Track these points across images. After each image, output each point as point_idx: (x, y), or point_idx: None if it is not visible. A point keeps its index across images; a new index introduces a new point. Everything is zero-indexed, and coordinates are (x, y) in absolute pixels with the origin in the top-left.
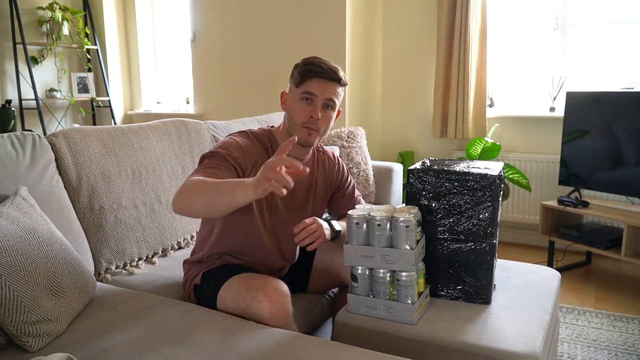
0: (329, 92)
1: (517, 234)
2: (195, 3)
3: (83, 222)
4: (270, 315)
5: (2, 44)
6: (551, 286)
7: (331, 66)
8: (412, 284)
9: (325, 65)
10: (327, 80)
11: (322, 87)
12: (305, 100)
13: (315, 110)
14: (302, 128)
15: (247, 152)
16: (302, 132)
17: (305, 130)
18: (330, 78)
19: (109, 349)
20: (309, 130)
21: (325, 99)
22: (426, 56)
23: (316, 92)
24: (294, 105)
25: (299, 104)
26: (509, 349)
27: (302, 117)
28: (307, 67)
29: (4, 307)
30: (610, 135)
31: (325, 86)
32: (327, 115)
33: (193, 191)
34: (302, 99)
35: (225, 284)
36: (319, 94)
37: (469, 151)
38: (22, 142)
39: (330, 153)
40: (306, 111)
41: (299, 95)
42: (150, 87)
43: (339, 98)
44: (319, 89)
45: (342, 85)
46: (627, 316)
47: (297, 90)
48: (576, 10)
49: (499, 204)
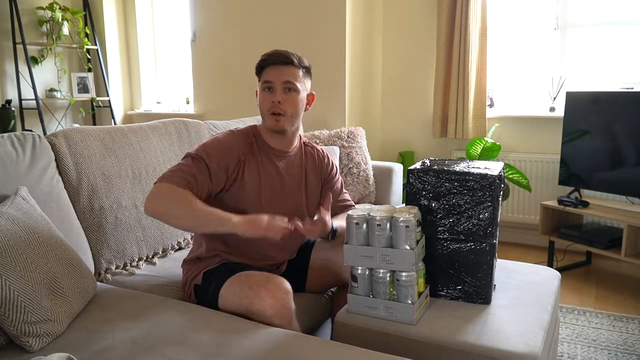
0: (285, 75)
1: (517, 234)
2: (195, 3)
3: (83, 222)
4: (273, 311)
5: (2, 44)
6: (551, 286)
7: (282, 52)
8: (412, 284)
9: (277, 52)
10: (280, 65)
11: (277, 73)
12: (267, 90)
13: (275, 96)
14: (269, 115)
15: (230, 150)
16: (270, 120)
17: (272, 117)
18: (283, 62)
19: (109, 349)
20: (275, 117)
21: (283, 83)
22: (426, 56)
23: (272, 78)
24: (260, 97)
25: (262, 95)
26: (509, 349)
27: (267, 105)
28: (262, 59)
29: (4, 307)
30: (610, 135)
31: (280, 71)
32: (292, 99)
33: (175, 206)
34: (263, 89)
35: (227, 282)
36: (275, 79)
37: (469, 151)
38: (22, 142)
39: (319, 148)
40: (269, 99)
41: (261, 87)
42: (150, 87)
43: (300, 81)
44: (274, 74)
45: (299, 67)
46: (627, 316)
47: (259, 84)
48: (576, 10)
49: (499, 204)
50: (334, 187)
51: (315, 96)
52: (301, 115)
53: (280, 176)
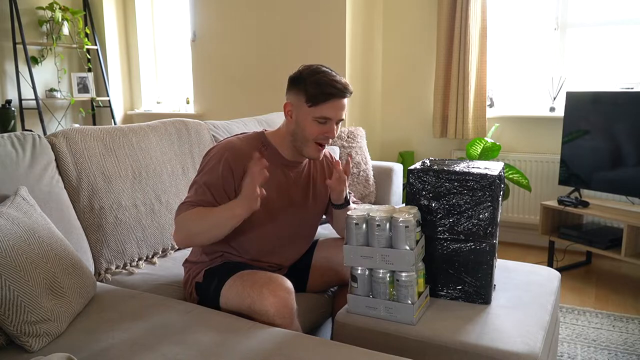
0: (342, 111)
1: (517, 234)
2: (195, 3)
3: (83, 222)
4: (275, 310)
5: (2, 44)
6: (551, 286)
7: (344, 82)
8: (412, 284)
9: (340, 84)
10: (341, 99)
11: (337, 109)
12: (321, 122)
13: (331, 131)
14: (314, 144)
15: (235, 170)
16: (313, 148)
17: (316, 147)
18: (344, 96)
19: (109, 349)
20: (320, 147)
21: (338, 120)
22: (426, 56)
23: (333, 115)
24: (306, 123)
25: (312, 123)
26: (509, 349)
27: (316, 133)
28: (322, 90)
29: (4, 307)
30: (610, 135)
31: (340, 106)
32: (337, 129)
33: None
34: (316, 121)
35: (229, 280)
36: (334, 117)
37: (469, 151)
38: (22, 142)
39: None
40: (321, 130)
41: (314, 117)
42: (150, 87)
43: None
44: (334, 112)
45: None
46: (627, 316)
47: (311, 110)
48: (576, 10)
49: (499, 204)
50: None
51: None
52: None
53: (289, 186)
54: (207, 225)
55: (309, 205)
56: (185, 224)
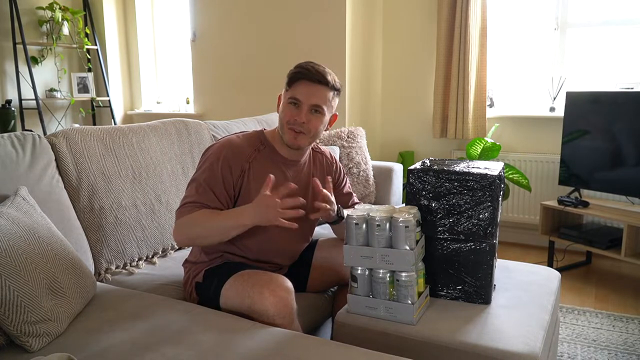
0: (316, 97)
1: (517, 234)
2: (195, 3)
3: (83, 222)
4: (275, 310)
5: (2, 44)
6: (551, 286)
7: (319, 69)
8: (411, 284)
9: (314, 69)
10: (314, 82)
11: (308, 92)
12: (293, 104)
13: (300, 114)
14: (288, 129)
15: (233, 167)
16: (288, 134)
17: (290, 132)
18: (318, 81)
19: (109, 349)
20: (294, 134)
21: (311, 105)
22: (426, 56)
23: (302, 98)
24: (283, 108)
25: (287, 107)
26: (509, 349)
27: (288, 116)
28: (296, 70)
29: (4, 307)
30: (610, 135)
31: (311, 90)
32: (315, 120)
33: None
34: (289, 102)
35: (229, 280)
36: (305, 100)
37: (469, 151)
38: (22, 142)
39: (328, 153)
40: (293, 114)
41: (287, 100)
42: (150, 87)
43: (328, 103)
44: (305, 93)
45: (331, 89)
46: (627, 316)
47: (287, 94)
48: (576, 10)
49: (499, 204)
50: (342, 191)
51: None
52: (320, 135)
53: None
54: (211, 230)
55: (309, 203)
56: (189, 227)
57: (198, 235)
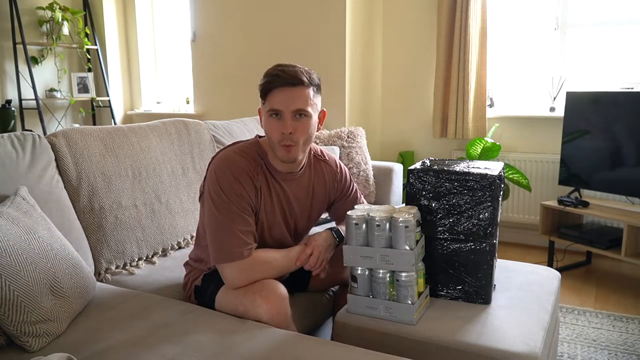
0: (295, 101)
1: (517, 234)
2: (195, 3)
3: (83, 222)
4: (268, 317)
5: (2, 44)
6: (551, 286)
7: (289, 71)
8: (411, 284)
9: (284, 72)
10: (289, 87)
11: (286, 98)
12: (274, 117)
13: (286, 126)
14: (280, 147)
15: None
16: (281, 151)
17: (283, 149)
18: (292, 83)
19: (109, 349)
20: (286, 148)
21: (293, 111)
22: (426, 56)
23: (281, 106)
24: (266, 123)
25: (269, 121)
26: (509, 349)
27: (276, 135)
28: (266, 80)
29: (4, 307)
30: (610, 135)
31: (289, 95)
32: (303, 126)
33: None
34: (270, 115)
35: (223, 286)
36: (284, 108)
37: (469, 151)
38: (22, 142)
39: (332, 161)
40: (278, 128)
41: (267, 114)
42: (150, 87)
43: (310, 103)
44: (283, 101)
45: (309, 86)
46: (627, 316)
47: (264, 107)
48: (576, 10)
49: (499, 204)
50: (348, 199)
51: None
52: (313, 138)
53: (289, 200)
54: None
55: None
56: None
57: (259, 277)
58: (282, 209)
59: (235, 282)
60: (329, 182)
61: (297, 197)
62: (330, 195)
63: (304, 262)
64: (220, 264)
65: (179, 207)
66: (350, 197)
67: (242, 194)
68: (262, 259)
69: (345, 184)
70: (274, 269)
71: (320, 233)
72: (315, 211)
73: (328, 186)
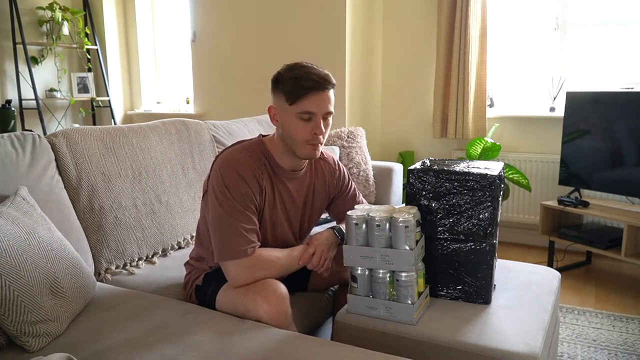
0: (327, 104)
1: (517, 234)
2: (195, 3)
3: (83, 222)
4: (268, 317)
5: (2, 44)
6: (551, 286)
7: (322, 74)
8: (411, 284)
9: (317, 76)
10: (323, 91)
11: (320, 102)
12: (306, 120)
13: (318, 127)
14: (307, 146)
15: (252, 185)
16: (306, 149)
17: (310, 147)
18: (325, 88)
19: (109, 349)
20: (314, 147)
21: (325, 114)
22: (426, 56)
23: (316, 109)
24: (291, 123)
25: (297, 122)
26: (509, 349)
27: (305, 135)
28: (299, 83)
29: (4, 307)
30: (610, 135)
31: (322, 98)
32: (327, 124)
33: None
34: (299, 116)
35: (224, 286)
36: (318, 110)
37: (469, 151)
38: (22, 142)
39: (331, 159)
40: (308, 129)
41: (297, 115)
42: (150, 87)
43: (333, 103)
44: (317, 105)
45: (334, 87)
46: (627, 316)
47: (292, 108)
48: (576, 10)
49: (499, 204)
50: (347, 198)
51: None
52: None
53: (292, 198)
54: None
55: (308, 211)
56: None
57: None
58: (285, 208)
59: (239, 280)
60: (329, 180)
61: (300, 196)
62: (330, 193)
63: (306, 261)
64: (223, 262)
65: (179, 207)
66: (349, 195)
67: (247, 192)
68: (265, 258)
69: (344, 182)
70: (276, 268)
71: (322, 232)
72: (317, 210)
73: (328, 184)
